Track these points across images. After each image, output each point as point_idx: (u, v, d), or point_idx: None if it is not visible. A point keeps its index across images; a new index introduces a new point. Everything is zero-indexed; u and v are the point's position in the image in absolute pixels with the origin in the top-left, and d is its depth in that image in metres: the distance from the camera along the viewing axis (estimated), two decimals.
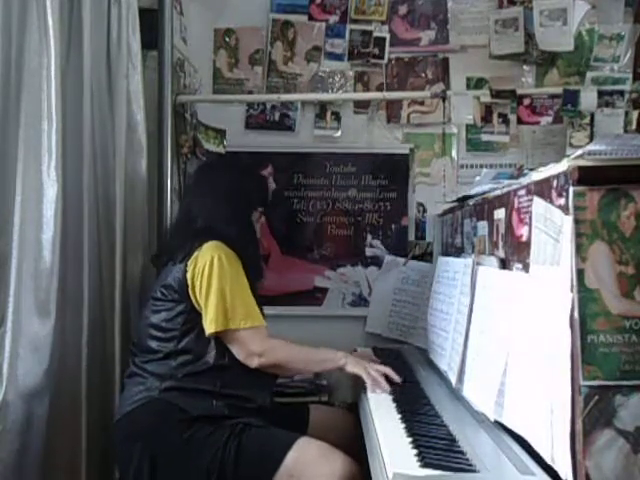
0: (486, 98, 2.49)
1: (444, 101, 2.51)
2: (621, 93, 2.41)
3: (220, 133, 2.55)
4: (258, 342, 1.72)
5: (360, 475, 1.54)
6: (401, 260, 2.52)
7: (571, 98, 2.40)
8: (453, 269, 1.77)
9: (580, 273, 0.99)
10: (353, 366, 1.77)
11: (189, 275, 1.72)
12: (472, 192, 1.72)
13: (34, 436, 1.67)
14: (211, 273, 1.70)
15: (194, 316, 1.72)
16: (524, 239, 1.24)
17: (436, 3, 2.57)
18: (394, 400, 1.63)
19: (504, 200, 1.39)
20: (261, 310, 1.82)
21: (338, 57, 2.59)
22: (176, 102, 2.41)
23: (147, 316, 1.79)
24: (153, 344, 1.74)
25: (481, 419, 1.40)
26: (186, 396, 1.66)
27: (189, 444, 1.60)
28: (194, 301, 1.72)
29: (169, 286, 1.75)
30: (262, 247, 2.09)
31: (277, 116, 2.59)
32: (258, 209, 1.94)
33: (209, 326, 1.69)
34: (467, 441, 1.33)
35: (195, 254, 1.73)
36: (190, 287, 1.71)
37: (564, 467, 1.00)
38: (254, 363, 1.71)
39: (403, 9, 2.58)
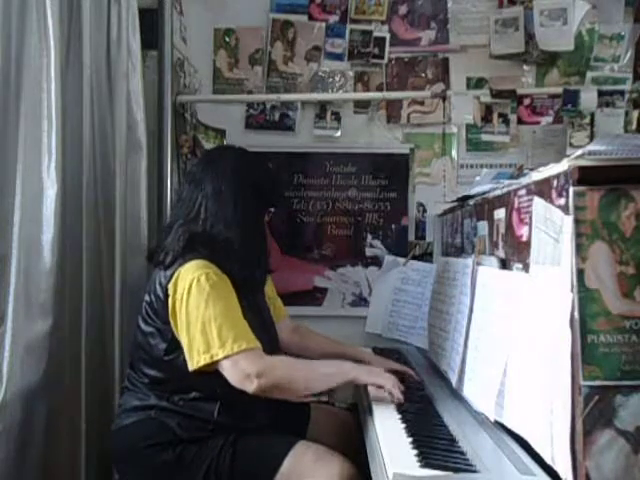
0: (486, 98, 2.49)
1: (444, 101, 2.51)
2: (621, 93, 2.42)
3: (220, 133, 2.56)
4: (253, 362, 1.51)
5: (359, 477, 1.53)
6: (401, 260, 2.52)
7: (571, 98, 2.41)
8: (453, 269, 1.77)
9: (580, 273, 0.99)
10: (368, 376, 1.61)
11: (170, 300, 1.58)
12: (472, 192, 1.72)
13: (34, 436, 1.67)
14: (189, 301, 1.54)
15: (178, 344, 1.59)
16: (524, 239, 1.24)
17: (436, 3, 2.57)
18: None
19: (504, 200, 1.39)
20: (265, 325, 1.76)
21: (338, 57, 2.59)
22: (176, 102, 2.41)
23: (136, 335, 1.68)
24: (144, 367, 1.65)
25: (481, 419, 1.40)
26: (182, 419, 1.59)
27: (182, 458, 1.56)
28: (174, 329, 1.59)
29: (153, 310, 1.63)
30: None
31: (277, 116, 2.59)
32: (270, 209, 1.78)
33: (190, 362, 1.54)
34: (467, 441, 1.33)
35: (177, 273, 1.58)
36: (171, 313, 1.58)
37: (564, 467, 1.00)
38: (252, 387, 1.50)
39: (403, 9, 2.58)
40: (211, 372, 1.54)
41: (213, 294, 1.55)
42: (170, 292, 1.58)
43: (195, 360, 1.53)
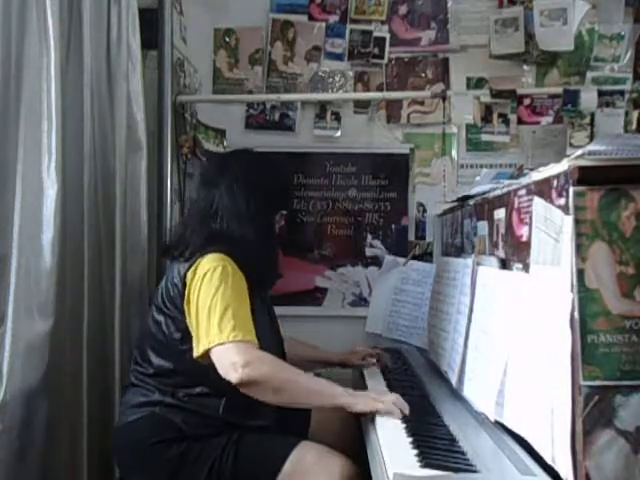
0: (486, 98, 2.49)
1: (444, 101, 2.51)
2: (621, 93, 2.41)
3: (220, 133, 2.56)
4: (242, 352, 1.51)
5: (360, 477, 1.54)
6: (401, 260, 2.52)
7: (571, 98, 2.40)
8: (453, 269, 1.77)
9: (580, 273, 0.99)
10: (363, 405, 1.52)
11: (187, 289, 1.62)
12: (472, 192, 1.72)
13: (34, 436, 1.67)
14: (201, 289, 1.58)
15: (191, 336, 1.61)
16: (524, 239, 1.24)
17: (436, 3, 2.57)
18: None
19: (504, 200, 1.39)
20: (273, 326, 1.77)
21: (338, 57, 2.59)
22: (176, 102, 2.41)
23: (149, 325, 1.70)
24: (153, 358, 1.66)
25: (482, 419, 1.40)
26: (187, 416, 1.61)
27: (185, 456, 1.57)
28: (186, 317, 1.61)
29: (170, 297, 1.66)
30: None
31: (277, 116, 2.59)
32: (282, 212, 1.84)
33: (195, 348, 1.56)
34: (468, 441, 1.33)
35: (197, 263, 1.62)
36: (186, 300, 1.62)
37: (564, 467, 1.00)
38: (236, 376, 1.48)
39: (403, 9, 2.58)
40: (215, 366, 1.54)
41: (225, 285, 1.58)
42: (188, 280, 1.62)
43: (197, 347, 1.56)
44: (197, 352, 1.56)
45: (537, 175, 1.17)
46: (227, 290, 1.58)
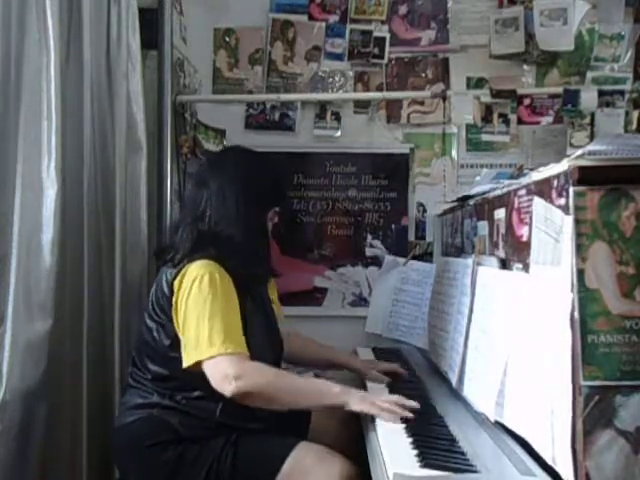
0: (486, 98, 2.49)
1: (444, 101, 2.51)
2: (621, 93, 2.41)
3: (220, 133, 2.56)
4: (234, 365, 1.50)
5: (359, 477, 1.53)
6: (401, 260, 2.52)
7: (571, 98, 2.41)
8: (453, 269, 1.77)
9: (580, 273, 0.99)
10: (359, 403, 1.52)
11: (174, 297, 1.60)
12: (472, 192, 1.72)
13: (33, 436, 1.67)
14: (188, 299, 1.56)
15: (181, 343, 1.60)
16: (524, 239, 1.24)
17: (436, 3, 2.57)
18: None
19: (504, 200, 1.39)
20: (270, 326, 1.76)
21: (338, 57, 2.59)
22: (176, 102, 2.41)
23: (142, 331, 1.70)
24: (148, 363, 1.66)
25: (482, 419, 1.40)
26: (184, 418, 1.61)
27: (183, 457, 1.57)
28: (175, 326, 1.60)
29: (159, 304, 1.65)
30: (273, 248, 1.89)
31: (277, 116, 2.59)
32: (275, 208, 1.80)
33: (184, 359, 1.55)
34: (468, 441, 1.33)
35: (183, 270, 1.60)
36: (173, 309, 1.60)
37: (565, 467, 1.00)
38: (230, 388, 1.49)
39: (403, 9, 2.58)
40: None
41: (212, 293, 1.56)
42: (175, 289, 1.60)
43: (186, 358, 1.55)
44: (187, 363, 1.55)
45: (537, 175, 1.17)
46: (216, 299, 1.56)
